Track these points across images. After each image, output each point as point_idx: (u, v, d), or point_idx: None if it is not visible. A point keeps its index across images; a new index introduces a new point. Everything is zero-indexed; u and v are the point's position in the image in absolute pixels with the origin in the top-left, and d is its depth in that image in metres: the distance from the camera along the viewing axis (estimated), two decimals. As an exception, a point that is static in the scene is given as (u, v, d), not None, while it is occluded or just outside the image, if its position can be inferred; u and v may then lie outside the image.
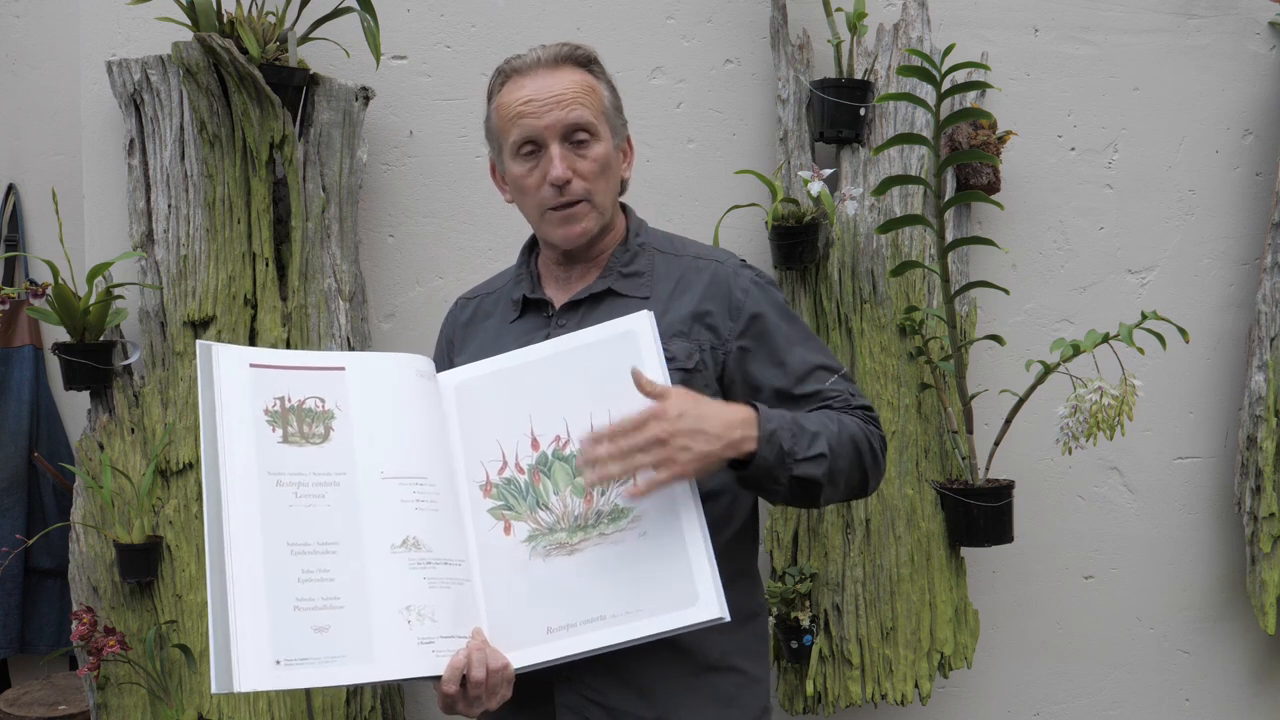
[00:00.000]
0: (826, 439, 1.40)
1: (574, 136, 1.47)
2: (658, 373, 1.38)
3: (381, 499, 1.36)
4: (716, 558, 1.34)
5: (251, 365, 1.39)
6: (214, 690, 1.21)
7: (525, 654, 1.34)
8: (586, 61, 1.52)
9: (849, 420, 1.46)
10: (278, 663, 1.24)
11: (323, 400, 1.39)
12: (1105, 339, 2.09)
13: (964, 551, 2.36)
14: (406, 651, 1.29)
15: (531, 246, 1.64)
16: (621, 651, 1.33)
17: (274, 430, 1.36)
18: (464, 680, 1.30)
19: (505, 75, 1.52)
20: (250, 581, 1.27)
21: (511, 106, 1.48)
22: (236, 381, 1.37)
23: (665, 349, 1.41)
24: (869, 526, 2.32)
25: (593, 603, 1.33)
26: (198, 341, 1.40)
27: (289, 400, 1.38)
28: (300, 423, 1.37)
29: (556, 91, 1.47)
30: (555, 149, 1.46)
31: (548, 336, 1.51)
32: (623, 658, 1.35)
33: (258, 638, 1.25)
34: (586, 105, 1.48)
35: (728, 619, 1.30)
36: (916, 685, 2.32)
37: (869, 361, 2.33)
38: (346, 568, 1.31)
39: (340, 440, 1.38)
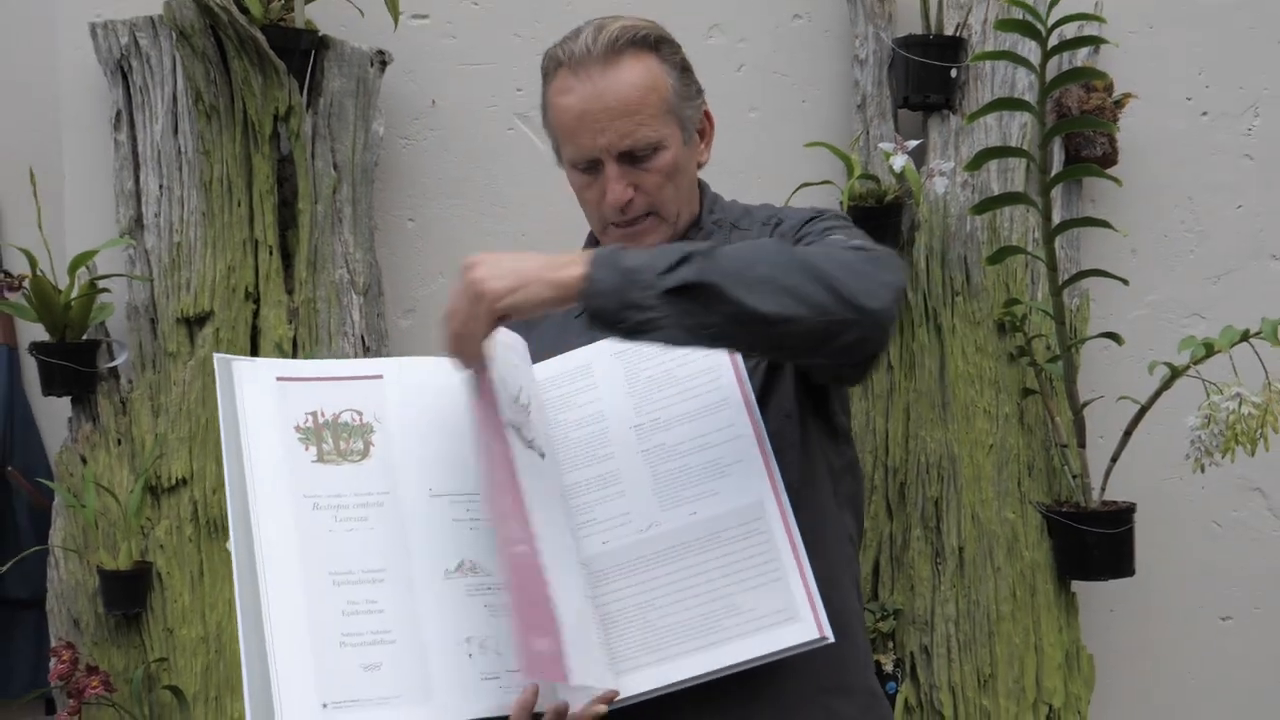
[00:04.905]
0: (716, 247, 1.29)
1: (634, 153, 1.48)
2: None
3: (431, 519, 1.37)
4: (817, 567, 1.35)
5: (278, 379, 1.39)
6: None
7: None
8: (647, 44, 1.48)
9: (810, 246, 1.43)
10: (325, 705, 1.24)
11: (360, 413, 1.40)
12: (1244, 337, 2.04)
13: (1075, 586, 2.33)
14: (469, 689, 1.30)
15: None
16: (717, 681, 1.32)
17: (307, 449, 1.36)
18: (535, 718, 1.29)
19: (555, 63, 1.50)
20: (290, 617, 1.28)
21: (562, 115, 1.48)
22: (262, 398, 1.37)
23: None
24: (962, 555, 2.29)
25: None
26: (215, 355, 1.39)
27: (322, 415, 1.39)
28: (336, 439, 1.38)
29: (610, 104, 1.44)
30: (612, 169, 1.46)
31: None
32: (720, 686, 1.34)
33: (302, 679, 1.25)
34: (645, 119, 1.45)
35: (831, 639, 1.31)
36: (1021, 742, 2.29)
37: (961, 363, 2.31)
38: (396, 597, 1.32)
39: (381, 456, 1.39)
